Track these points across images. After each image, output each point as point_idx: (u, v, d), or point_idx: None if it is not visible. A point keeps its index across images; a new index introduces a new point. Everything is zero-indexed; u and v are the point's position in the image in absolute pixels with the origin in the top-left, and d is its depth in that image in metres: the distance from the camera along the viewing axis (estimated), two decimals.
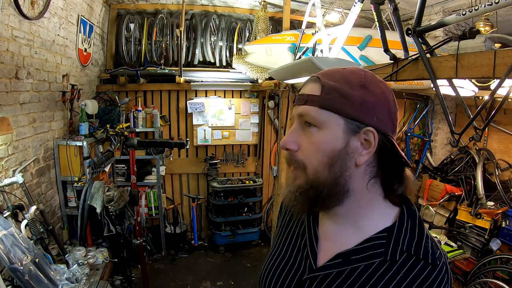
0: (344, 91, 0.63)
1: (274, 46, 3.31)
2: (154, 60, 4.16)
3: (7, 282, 1.70)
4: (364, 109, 0.63)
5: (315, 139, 0.65)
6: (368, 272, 0.64)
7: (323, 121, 0.64)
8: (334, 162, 0.64)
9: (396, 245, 0.65)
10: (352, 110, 0.63)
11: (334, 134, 0.64)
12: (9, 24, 2.08)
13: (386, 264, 0.64)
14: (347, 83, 0.64)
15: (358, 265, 0.65)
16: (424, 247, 0.65)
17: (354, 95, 0.63)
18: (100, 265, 2.49)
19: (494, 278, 2.71)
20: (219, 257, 4.21)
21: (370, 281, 0.63)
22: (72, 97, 2.99)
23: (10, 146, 2.16)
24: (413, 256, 0.64)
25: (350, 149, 0.64)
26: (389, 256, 0.64)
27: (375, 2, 1.90)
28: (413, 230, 0.67)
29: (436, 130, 4.35)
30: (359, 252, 0.66)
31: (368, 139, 0.64)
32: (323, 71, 0.69)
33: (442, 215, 3.67)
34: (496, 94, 1.44)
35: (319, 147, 0.64)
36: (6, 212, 1.90)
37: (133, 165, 2.99)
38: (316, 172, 0.65)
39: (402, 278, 0.63)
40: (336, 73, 0.67)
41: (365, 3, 2.19)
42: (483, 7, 1.31)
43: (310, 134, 0.65)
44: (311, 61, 2.01)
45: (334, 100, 0.63)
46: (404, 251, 0.64)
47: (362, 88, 0.64)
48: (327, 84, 0.64)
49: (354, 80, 0.65)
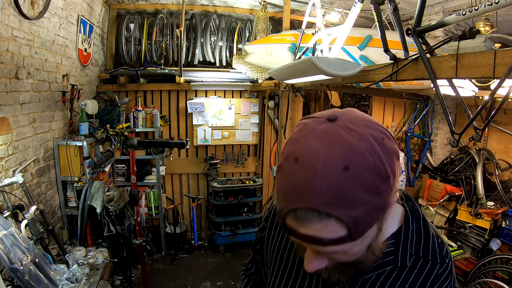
0: (374, 205, 0.50)
1: (274, 46, 3.31)
2: (154, 60, 4.16)
3: (7, 282, 1.70)
4: (395, 188, 0.53)
5: (354, 251, 0.54)
6: (381, 280, 0.64)
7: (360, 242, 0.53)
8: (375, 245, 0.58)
9: (405, 250, 0.65)
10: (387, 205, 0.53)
11: (372, 235, 0.55)
12: (9, 24, 2.08)
13: (396, 270, 0.64)
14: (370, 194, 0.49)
15: (370, 276, 0.64)
16: (432, 248, 0.65)
17: (384, 196, 0.50)
18: (100, 265, 2.49)
19: (494, 278, 2.71)
20: (219, 257, 4.21)
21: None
22: (72, 97, 2.99)
23: (10, 146, 2.16)
24: (421, 258, 0.65)
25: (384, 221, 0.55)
26: (400, 262, 0.64)
27: (375, 2, 1.90)
28: (419, 232, 0.67)
29: (436, 130, 4.35)
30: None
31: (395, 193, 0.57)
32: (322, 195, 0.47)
33: (442, 215, 3.67)
34: (496, 94, 1.44)
35: (359, 252, 0.56)
36: (6, 212, 1.90)
37: (133, 165, 2.99)
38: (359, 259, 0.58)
39: (414, 281, 0.64)
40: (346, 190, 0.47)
41: (365, 3, 2.19)
42: (483, 7, 1.31)
43: (344, 252, 0.54)
44: (311, 61, 2.01)
45: (368, 222, 0.51)
46: (413, 254, 0.65)
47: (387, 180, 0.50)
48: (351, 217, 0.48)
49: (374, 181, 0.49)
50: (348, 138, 0.49)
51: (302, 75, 2.52)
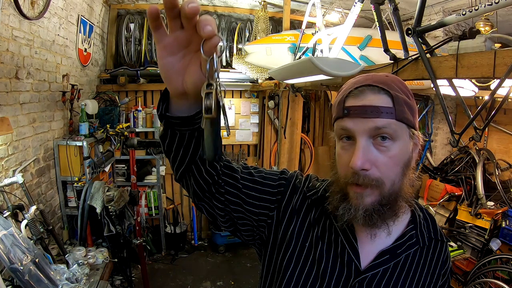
0: (408, 101, 0.66)
1: (274, 46, 3.31)
2: (154, 60, 4.16)
3: (7, 282, 1.70)
4: (416, 116, 0.68)
5: (393, 153, 0.64)
6: (409, 262, 0.72)
7: (399, 133, 0.64)
8: (407, 170, 0.67)
9: (422, 232, 0.75)
10: (412, 117, 0.66)
11: (406, 145, 0.66)
12: (9, 24, 2.08)
13: (419, 251, 0.74)
14: (405, 93, 0.66)
15: (399, 259, 0.71)
16: (439, 229, 0.78)
17: (413, 104, 0.67)
18: (100, 265, 2.49)
19: (494, 278, 2.71)
20: (219, 257, 4.21)
21: (412, 269, 0.72)
22: (72, 97, 2.99)
23: (10, 146, 2.16)
24: (433, 239, 0.76)
25: (412, 155, 0.68)
26: (421, 243, 0.74)
27: (375, 2, 1.90)
28: (426, 218, 0.78)
29: (436, 130, 4.35)
30: (401, 245, 0.72)
31: (415, 142, 0.69)
32: (378, 80, 0.66)
33: (442, 215, 3.66)
34: (496, 94, 1.44)
35: (398, 159, 0.65)
36: (6, 212, 1.90)
37: (133, 165, 2.99)
38: (394, 185, 0.65)
39: (431, 259, 0.75)
40: (393, 83, 0.66)
41: (365, 3, 2.19)
42: (483, 7, 1.31)
43: (386, 149, 0.63)
44: (311, 61, 2.01)
45: (405, 112, 0.64)
46: (427, 235, 0.75)
47: (411, 94, 0.68)
48: (397, 96, 0.64)
49: (406, 89, 0.68)
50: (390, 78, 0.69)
51: (302, 75, 2.52)
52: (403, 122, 0.64)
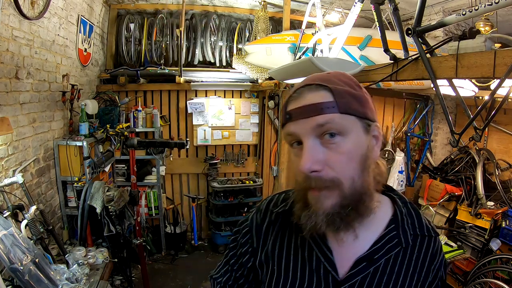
0: (353, 92, 0.63)
1: (274, 46, 3.31)
2: (154, 60, 4.16)
3: (7, 282, 1.70)
4: (368, 106, 0.64)
5: (344, 149, 0.60)
6: (390, 265, 0.67)
7: (347, 127, 0.60)
8: (366, 165, 0.62)
9: (405, 231, 0.69)
10: (363, 109, 0.63)
11: (359, 137, 0.62)
12: (9, 24, 2.08)
13: (401, 251, 0.68)
14: (349, 85, 0.64)
15: (378, 264, 0.67)
16: (425, 224, 0.72)
17: (360, 94, 0.64)
18: (100, 265, 2.49)
19: (494, 278, 2.71)
20: (219, 257, 4.17)
21: (394, 272, 0.67)
22: (72, 97, 2.99)
23: (10, 146, 2.16)
24: (418, 236, 0.71)
25: (370, 147, 0.64)
26: (404, 243, 0.68)
27: (375, 2, 1.90)
28: (410, 214, 0.72)
29: (436, 130, 4.35)
30: (379, 250, 0.67)
31: (376, 134, 0.65)
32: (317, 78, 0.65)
33: (442, 215, 3.67)
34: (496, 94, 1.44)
35: (352, 155, 0.60)
36: (6, 212, 1.90)
37: (133, 165, 2.99)
38: (353, 183, 0.60)
39: (417, 257, 0.69)
40: (334, 77, 0.64)
41: (365, 3, 2.19)
42: (483, 7, 1.31)
43: (336, 145, 0.60)
44: (311, 61, 2.01)
45: (349, 103, 0.61)
46: (411, 233, 0.70)
47: (358, 86, 0.65)
48: (337, 89, 0.61)
49: (351, 81, 0.65)
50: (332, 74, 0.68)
51: (302, 75, 2.52)
52: (350, 114, 0.60)
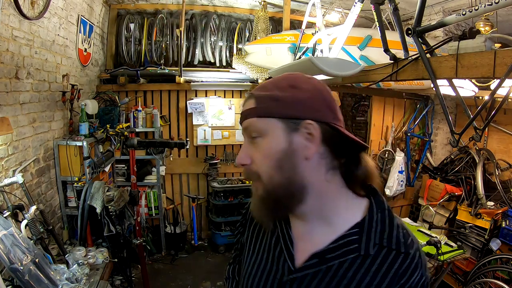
0: (275, 96, 0.67)
1: (274, 46, 3.31)
2: (154, 60, 4.16)
3: (7, 282, 1.70)
4: (298, 105, 0.66)
5: (261, 147, 0.67)
6: (344, 269, 0.66)
7: (264, 129, 0.67)
8: (283, 162, 0.66)
9: (368, 239, 0.66)
10: (286, 110, 0.66)
11: (275, 137, 0.66)
12: (9, 24, 2.08)
13: (360, 258, 0.66)
14: (277, 88, 0.68)
15: (333, 263, 0.67)
16: (396, 237, 0.66)
17: (285, 96, 0.67)
18: (100, 265, 2.49)
19: (494, 278, 2.71)
20: (219, 257, 4.21)
21: (346, 277, 0.65)
22: (72, 97, 2.99)
23: (10, 146, 2.16)
24: (385, 247, 0.66)
25: (294, 146, 0.66)
26: (363, 251, 0.66)
27: (375, 2, 1.91)
28: (383, 221, 0.68)
29: (436, 130, 4.35)
30: (333, 250, 0.67)
31: (310, 132, 0.65)
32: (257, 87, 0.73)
33: (442, 215, 3.67)
34: (496, 94, 1.44)
35: (266, 152, 0.67)
36: (6, 212, 1.90)
37: (133, 165, 2.99)
38: (270, 178, 0.67)
39: (377, 270, 0.65)
40: (268, 84, 0.71)
41: (365, 3, 2.19)
42: (483, 7, 1.31)
43: (257, 145, 0.68)
44: (311, 61, 2.01)
45: (268, 107, 0.67)
46: (377, 243, 0.66)
47: (292, 88, 0.67)
48: (259, 95, 0.69)
49: (283, 83, 0.69)
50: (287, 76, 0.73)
51: None
52: (267, 117, 0.66)
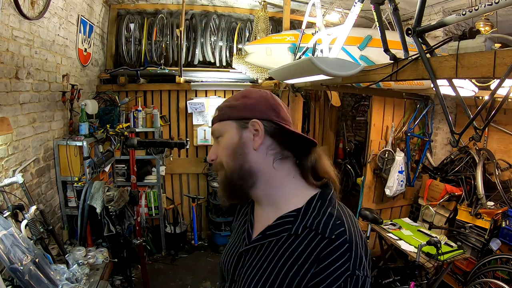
0: (230, 104, 0.88)
1: (274, 46, 3.31)
2: (154, 60, 4.16)
3: (7, 282, 1.70)
4: (246, 109, 0.85)
5: (221, 144, 0.87)
6: (278, 245, 0.79)
7: (223, 129, 0.87)
8: (235, 152, 0.84)
9: (301, 222, 0.78)
10: (238, 113, 0.85)
11: (230, 134, 0.85)
12: (9, 24, 2.09)
13: (291, 238, 0.78)
14: (233, 99, 0.90)
15: (272, 239, 0.81)
16: (324, 223, 0.76)
17: (237, 103, 0.87)
18: (100, 265, 2.49)
19: (494, 278, 2.71)
20: (219, 257, 4.16)
21: (279, 252, 0.78)
22: (72, 97, 2.99)
23: (10, 146, 2.16)
24: (313, 231, 0.76)
25: (244, 139, 0.84)
26: (293, 231, 0.78)
27: (375, 2, 1.90)
28: (319, 209, 0.79)
29: (436, 130, 4.35)
30: (273, 228, 0.82)
31: (256, 128, 0.83)
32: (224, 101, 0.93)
33: (442, 215, 3.67)
34: (496, 94, 1.44)
35: (224, 146, 0.86)
36: (6, 212, 1.91)
37: (133, 165, 2.99)
38: (227, 164, 0.85)
39: (303, 249, 0.75)
40: (229, 98, 0.92)
41: (365, 3, 2.19)
42: (483, 7, 1.31)
43: (220, 143, 0.88)
44: (311, 61, 2.01)
45: (225, 113, 0.87)
46: (307, 227, 0.77)
47: (243, 97, 0.88)
48: (221, 106, 0.90)
49: (237, 95, 0.90)
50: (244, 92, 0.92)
51: (302, 75, 2.52)
52: (225, 120, 0.86)
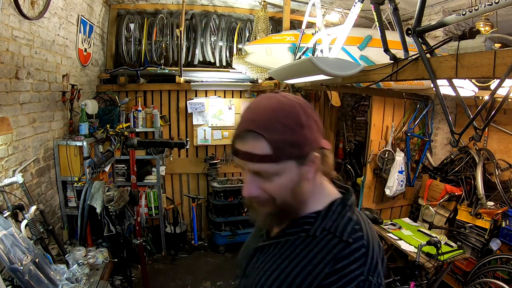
0: (291, 140, 0.71)
1: (274, 46, 3.31)
2: (154, 60, 4.16)
3: (7, 282, 1.70)
4: (308, 144, 0.73)
5: (278, 184, 0.74)
6: (295, 244, 0.78)
7: (281, 170, 0.73)
8: (294, 189, 0.75)
9: (320, 224, 0.77)
10: (301, 151, 0.73)
11: (292, 174, 0.74)
12: (9, 24, 2.08)
13: (309, 238, 0.77)
14: (289, 130, 0.71)
15: (289, 238, 0.80)
16: (342, 226, 0.75)
17: (299, 138, 0.72)
18: (100, 265, 2.49)
19: (494, 278, 2.71)
20: (219, 257, 4.21)
21: (295, 250, 0.78)
22: (72, 97, 2.99)
23: (10, 146, 2.16)
24: (331, 233, 0.75)
25: (303, 175, 0.75)
26: (312, 232, 0.77)
27: (375, 2, 1.91)
28: (339, 213, 0.78)
29: (436, 130, 4.35)
30: (291, 227, 0.80)
31: (313, 160, 0.75)
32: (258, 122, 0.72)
33: (442, 215, 3.67)
34: (496, 94, 1.44)
35: (284, 187, 0.74)
36: (6, 212, 1.90)
37: (133, 165, 2.99)
38: (284, 201, 0.75)
39: (319, 250, 0.74)
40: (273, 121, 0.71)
41: (365, 3, 2.19)
42: (483, 7, 1.31)
43: (271, 181, 0.74)
44: (311, 61, 2.01)
45: (286, 152, 0.71)
46: (326, 229, 0.76)
47: (301, 127, 0.72)
48: (274, 140, 0.70)
49: (292, 123, 0.71)
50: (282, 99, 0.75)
51: (302, 75, 2.52)
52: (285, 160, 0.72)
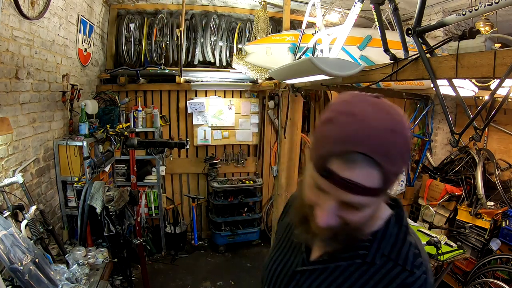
0: (398, 172, 0.61)
1: (274, 46, 3.31)
2: (154, 60, 4.16)
3: (7, 282, 1.70)
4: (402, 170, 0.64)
5: (362, 215, 0.63)
6: (349, 271, 0.69)
7: (372, 203, 0.63)
8: (373, 216, 0.67)
9: (378, 248, 0.68)
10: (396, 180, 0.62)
11: (377, 204, 0.66)
12: (9, 24, 2.08)
13: (366, 265, 0.68)
14: (403, 160, 0.60)
15: (341, 263, 0.70)
16: (405, 254, 0.67)
17: (401, 170, 0.62)
18: (100, 265, 2.49)
19: (494, 278, 2.71)
20: (219, 257, 4.21)
21: (349, 279, 0.69)
22: (72, 97, 2.99)
23: (10, 146, 2.16)
24: (392, 261, 0.67)
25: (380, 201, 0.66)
26: (370, 259, 0.68)
27: (375, 2, 1.90)
28: (397, 236, 0.70)
29: (436, 130, 4.35)
30: (344, 251, 0.70)
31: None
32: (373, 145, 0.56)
33: (442, 215, 3.67)
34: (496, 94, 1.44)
35: (366, 217, 0.65)
36: (6, 212, 1.90)
37: (133, 165, 2.99)
38: (358, 225, 0.65)
39: (379, 280, 0.66)
40: (391, 146, 0.57)
41: (365, 3, 2.19)
42: (483, 7, 1.31)
43: (354, 212, 0.62)
44: (311, 61, 2.01)
45: (389, 186, 0.61)
46: (385, 255, 0.68)
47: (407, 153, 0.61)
48: (389, 172, 0.58)
49: (405, 150, 0.60)
50: (392, 111, 0.60)
51: (302, 75, 2.52)
52: (382, 194, 0.63)
